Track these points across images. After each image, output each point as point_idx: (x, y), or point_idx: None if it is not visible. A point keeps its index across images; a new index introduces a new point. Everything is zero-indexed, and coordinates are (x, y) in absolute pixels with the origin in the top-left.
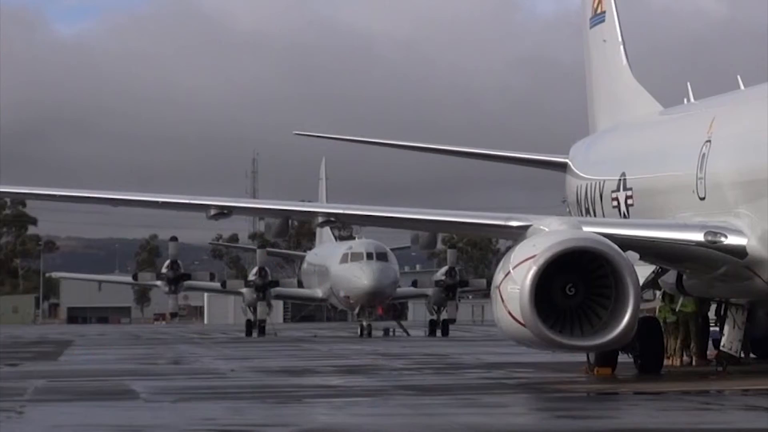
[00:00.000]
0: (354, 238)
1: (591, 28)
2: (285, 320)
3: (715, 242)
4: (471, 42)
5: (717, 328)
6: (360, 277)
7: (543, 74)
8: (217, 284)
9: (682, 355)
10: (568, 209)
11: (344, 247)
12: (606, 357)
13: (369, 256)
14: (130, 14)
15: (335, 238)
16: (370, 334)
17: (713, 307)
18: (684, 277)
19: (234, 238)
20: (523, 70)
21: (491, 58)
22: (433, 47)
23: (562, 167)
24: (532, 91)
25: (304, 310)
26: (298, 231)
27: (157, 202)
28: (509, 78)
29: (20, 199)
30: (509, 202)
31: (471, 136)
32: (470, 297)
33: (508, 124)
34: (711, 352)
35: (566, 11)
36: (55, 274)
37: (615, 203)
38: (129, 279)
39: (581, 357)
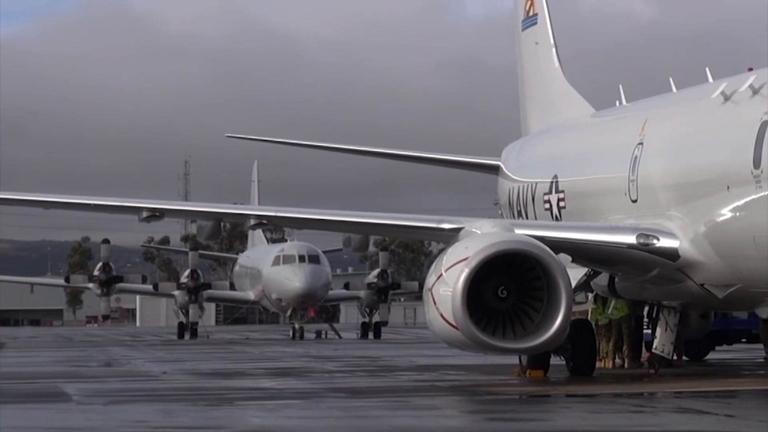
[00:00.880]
0: (286, 241)
1: (523, 30)
2: (217, 323)
3: (647, 245)
4: (401, 44)
5: (649, 331)
6: (292, 279)
7: (474, 77)
8: (149, 287)
9: (614, 358)
10: (500, 212)
11: (276, 249)
12: (538, 359)
13: (301, 258)
14: (61, 17)
15: (267, 240)
16: (302, 337)
17: (645, 309)
18: (616, 279)
19: (166, 241)
20: (454, 73)
21: (421, 61)
22: (363, 50)
23: (494, 170)
24: (463, 93)
25: (236, 313)
26: (231, 233)
27: (89, 204)
28: (439, 81)
29: None
30: (441, 205)
31: (402, 139)
32: (402, 299)
33: (439, 127)
34: (643, 354)
35: (496, 14)
36: None
37: (547, 206)
38: (61, 281)
39: (513, 359)
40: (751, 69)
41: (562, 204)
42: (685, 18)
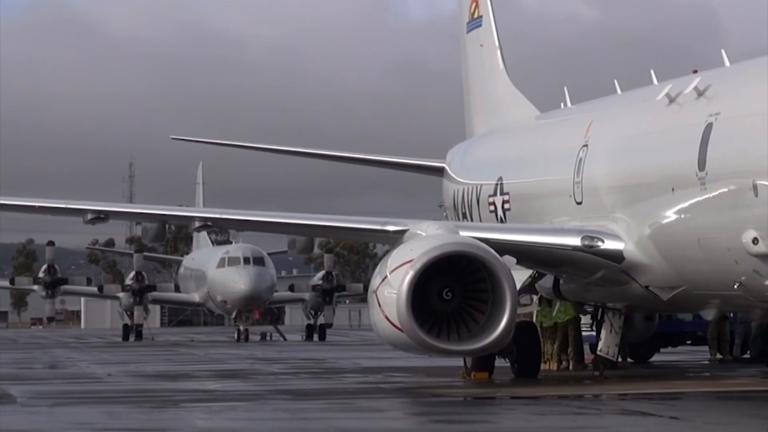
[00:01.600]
0: (231, 243)
1: (468, 32)
2: (162, 325)
3: (591, 247)
4: (344, 47)
5: (593, 333)
6: (237, 281)
7: (417, 79)
8: (94, 289)
9: (559, 360)
10: (445, 214)
11: (221, 251)
12: (483, 361)
13: (246, 260)
14: (4, 21)
15: (212, 242)
16: (247, 339)
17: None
18: (561, 281)
19: (111, 243)
20: (397, 76)
21: (364, 64)
22: (306, 53)
23: (439, 172)
24: (406, 96)
25: (181, 315)
26: (176, 235)
27: (33, 206)
28: (383, 83)
29: None
30: (386, 207)
31: (346, 141)
32: (347, 301)
33: (382, 130)
34: (588, 356)
35: (439, 16)
36: None
37: (492, 208)
38: (6, 283)
39: (458, 361)
40: (695, 71)
41: (506, 206)
42: (628, 20)
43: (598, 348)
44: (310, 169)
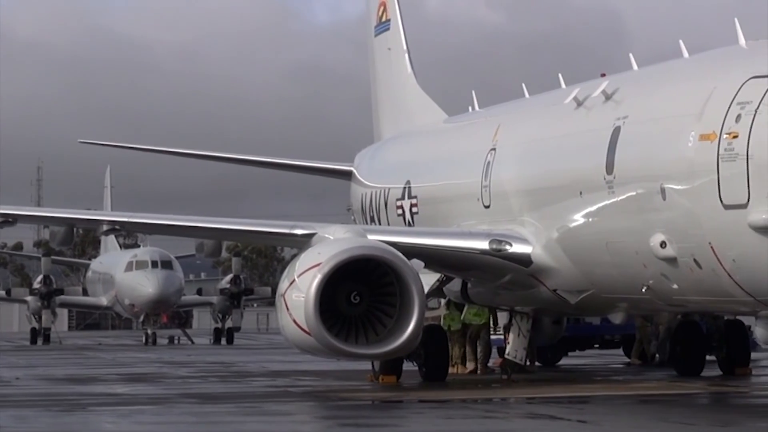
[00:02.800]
0: (139, 247)
1: (376, 36)
2: (70, 328)
3: (499, 250)
4: (249, 52)
5: (501, 336)
6: (145, 285)
7: (322, 83)
8: (1, 292)
9: (466, 364)
10: (353, 217)
11: (129, 255)
12: (391, 365)
13: (154, 264)
14: None
15: (120, 246)
16: (155, 342)
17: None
18: (469, 285)
19: (19, 246)
20: (302, 80)
21: (269, 68)
22: (212, 57)
23: (347, 175)
24: (312, 100)
25: (89, 318)
26: (83, 239)
27: None
28: (288, 87)
29: None
30: (294, 211)
31: (254, 145)
32: (255, 305)
33: (289, 134)
34: (496, 360)
35: (344, 21)
36: None
37: (400, 211)
38: None
39: (366, 365)
40: (603, 74)
41: (414, 209)
42: (532, 24)
43: (506, 352)
44: (217, 173)
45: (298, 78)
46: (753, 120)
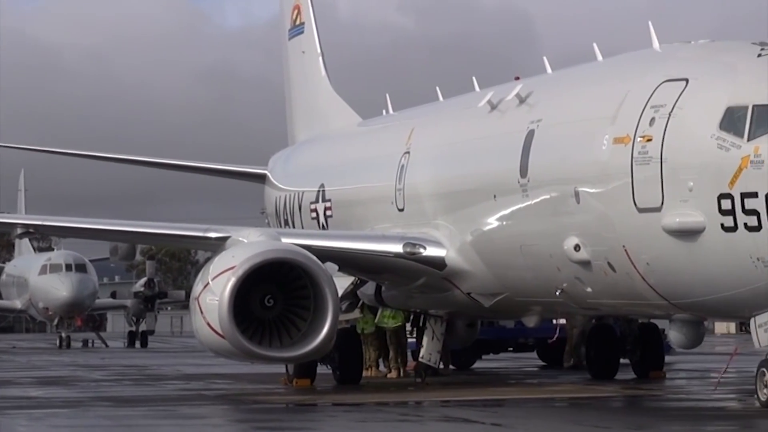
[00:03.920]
0: (53, 250)
1: (290, 39)
2: None
3: (413, 254)
4: (159, 54)
5: (414, 339)
6: (59, 288)
7: (235, 86)
8: None
9: (396, 361)
10: (267, 221)
11: (43, 258)
12: (305, 368)
13: (68, 267)
14: None
15: (34, 249)
16: (69, 346)
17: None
18: (383, 288)
19: None
20: (213, 83)
21: (181, 71)
22: (121, 60)
23: (261, 179)
24: (225, 103)
25: (3, 322)
26: None
27: None
28: (200, 90)
29: None
30: (208, 214)
31: (165, 149)
32: (169, 308)
33: (201, 137)
34: (410, 363)
35: (255, 24)
36: None
37: (314, 215)
38: None
39: (280, 368)
40: (518, 78)
41: (328, 213)
42: (443, 27)
43: (420, 355)
44: (131, 177)
45: (210, 81)
46: (667, 123)
